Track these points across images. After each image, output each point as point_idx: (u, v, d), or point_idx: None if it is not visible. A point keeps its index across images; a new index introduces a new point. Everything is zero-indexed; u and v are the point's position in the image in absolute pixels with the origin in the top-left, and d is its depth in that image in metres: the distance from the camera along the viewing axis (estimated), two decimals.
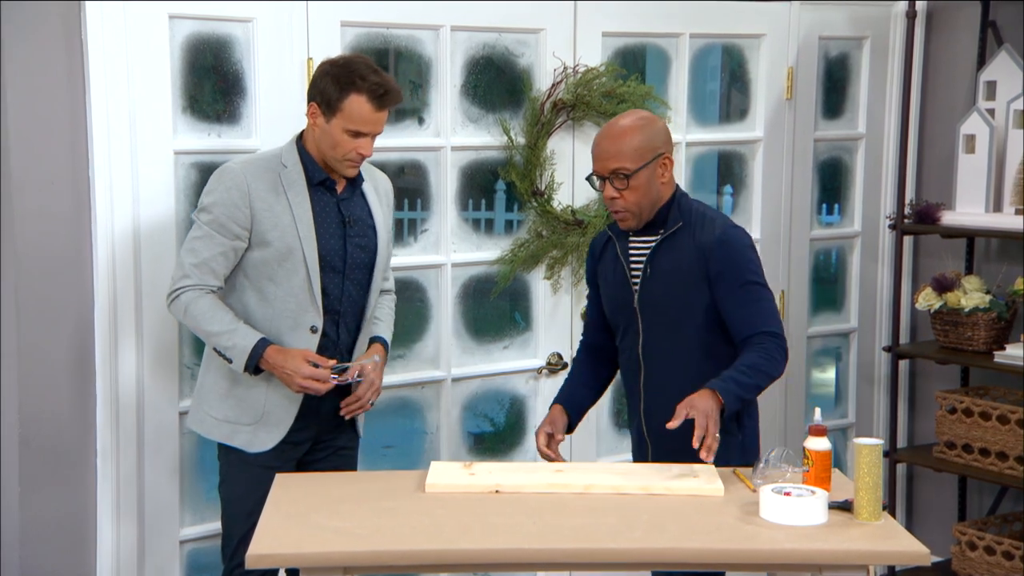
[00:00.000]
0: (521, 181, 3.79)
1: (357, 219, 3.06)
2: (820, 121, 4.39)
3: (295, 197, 2.97)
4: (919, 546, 2.46)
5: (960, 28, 4.34)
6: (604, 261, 3.11)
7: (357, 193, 3.09)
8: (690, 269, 2.95)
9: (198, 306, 2.95)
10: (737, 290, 2.92)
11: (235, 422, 3.02)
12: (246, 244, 2.97)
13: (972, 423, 4.04)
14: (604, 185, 2.97)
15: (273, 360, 2.94)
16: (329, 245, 3.01)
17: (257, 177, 2.96)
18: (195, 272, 2.95)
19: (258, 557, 2.41)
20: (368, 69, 2.93)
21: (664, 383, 2.98)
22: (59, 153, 3.13)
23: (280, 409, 3.01)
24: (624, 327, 3.06)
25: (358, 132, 2.93)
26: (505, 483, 2.73)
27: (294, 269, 2.97)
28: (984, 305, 4.05)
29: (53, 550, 3.21)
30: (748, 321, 2.90)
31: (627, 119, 2.99)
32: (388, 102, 2.95)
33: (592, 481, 2.73)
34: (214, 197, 2.96)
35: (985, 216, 4.09)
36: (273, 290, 2.98)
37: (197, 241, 2.96)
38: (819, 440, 2.67)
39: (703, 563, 2.48)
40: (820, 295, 4.53)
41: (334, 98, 2.91)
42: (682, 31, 4.02)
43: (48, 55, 3.09)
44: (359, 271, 3.07)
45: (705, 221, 2.99)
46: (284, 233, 2.95)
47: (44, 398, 3.17)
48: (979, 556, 4.01)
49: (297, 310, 2.98)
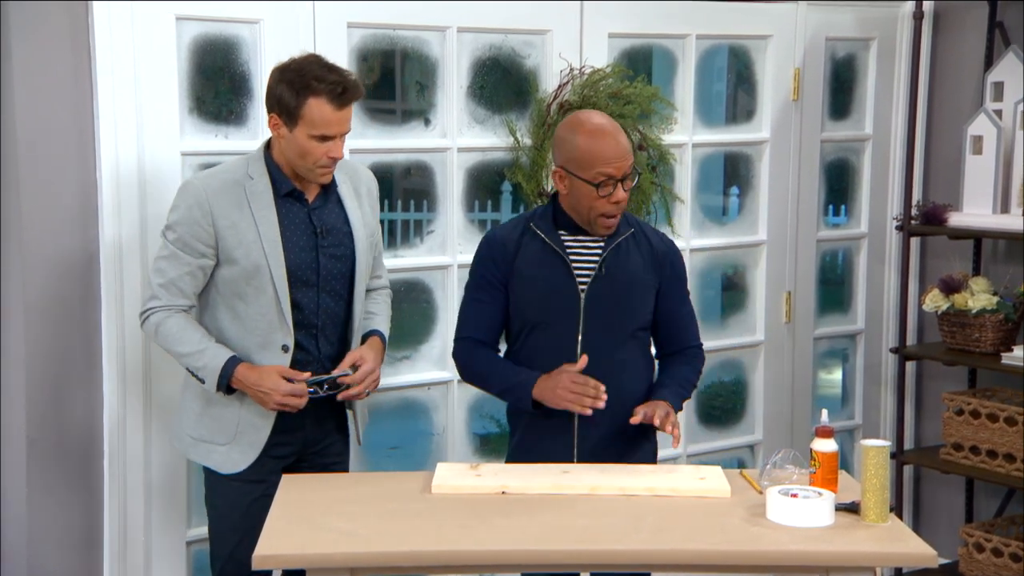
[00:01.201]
0: (527, 182, 3.78)
1: (331, 228, 2.94)
2: (827, 122, 4.38)
3: (260, 211, 2.86)
4: (926, 548, 2.46)
5: (967, 29, 4.33)
6: (524, 258, 2.95)
7: (331, 200, 2.97)
8: (645, 271, 2.97)
9: (167, 327, 2.88)
10: (680, 302, 3.05)
11: (210, 442, 2.95)
12: (214, 262, 2.88)
13: (979, 425, 4.03)
14: (616, 188, 2.86)
15: (246, 379, 2.85)
16: (299, 259, 2.90)
17: (220, 192, 2.86)
18: (163, 293, 2.88)
19: (264, 558, 2.41)
20: (322, 68, 2.82)
21: (603, 382, 2.86)
22: (66, 154, 3.14)
23: (253, 429, 2.92)
24: (552, 328, 2.93)
25: (324, 136, 2.82)
26: (511, 484, 2.73)
27: (262, 287, 2.87)
28: (991, 306, 4.04)
29: (60, 551, 3.22)
30: (689, 333, 3.07)
31: (603, 116, 2.93)
32: (349, 99, 2.83)
33: (598, 483, 2.73)
34: (177, 215, 2.87)
35: (992, 217, 4.08)
36: (243, 308, 2.90)
37: (163, 261, 2.89)
38: (826, 442, 2.67)
39: (709, 564, 2.48)
40: (827, 296, 4.53)
41: (293, 105, 2.80)
42: (688, 32, 4.02)
43: (55, 56, 3.10)
44: (335, 282, 2.96)
45: (646, 227, 3.05)
46: (249, 250, 2.85)
47: (51, 400, 3.17)
48: (986, 558, 4.00)
49: (267, 328, 2.89)
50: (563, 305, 2.93)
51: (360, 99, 2.90)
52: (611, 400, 2.86)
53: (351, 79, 2.83)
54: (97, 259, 3.18)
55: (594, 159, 2.84)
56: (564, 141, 2.91)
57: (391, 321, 3.19)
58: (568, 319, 2.93)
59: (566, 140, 2.90)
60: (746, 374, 4.34)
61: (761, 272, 4.30)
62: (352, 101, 2.85)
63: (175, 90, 3.24)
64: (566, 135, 2.91)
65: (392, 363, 3.73)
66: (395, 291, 3.34)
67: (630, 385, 2.95)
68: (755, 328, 4.31)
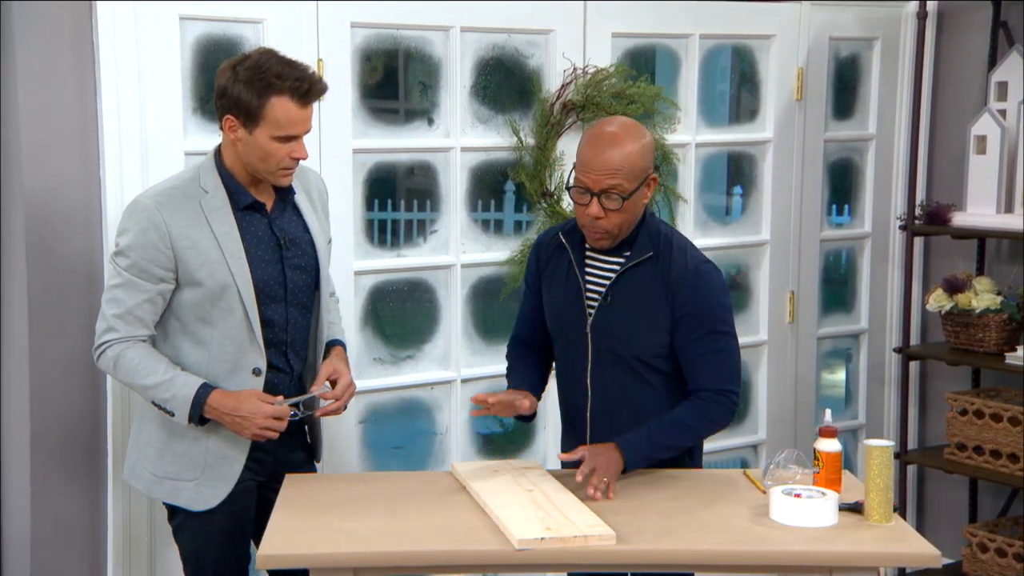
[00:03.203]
0: (531, 182, 3.78)
1: (293, 239, 2.78)
2: (830, 122, 4.38)
3: (220, 227, 2.67)
4: (930, 548, 2.45)
5: (971, 29, 4.33)
6: (553, 268, 2.87)
7: (288, 208, 2.80)
8: (654, 306, 2.75)
9: (127, 359, 2.67)
10: (702, 339, 2.74)
11: (176, 479, 2.75)
12: (173, 285, 2.68)
13: (983, 425, 4.02)
14: (591, 202, 2.67)
15: (222, 406, 2.66)
16: (266, 274, 2.73)
17: (174, 210, 2.66)
18: (119, 324, 2.68)
19: (268, 558, 2.41)
20: (281, 64, 2.63)
21: (612, 412, 2.81)
22: (70, 154, 3.14)
23: (224, 461, 2.74)
24: (568, 346, 2.86)
25: (288, 136, 2.64)
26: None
27: (230, 307, 2.68)
28: (995, 306, 4.04)
29: (63, 550, 3.22)
30: (705, 375, 2.75)
31: (620, 127, 2.71)
32: (313, 96, 2.65)
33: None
34: (129, 239, 2.66)
35: (996, 217, 4.08)
36: (208, 332, 2.70)
37: (118, 290, 2.68)
38: (829, 441, 2.67)
39: (713, 564, 2.48)
40: (830, 296, 4.53)
41: (254, 106, 2.61)
42: (692, 32, 4.02)
43: (59, 56, 3.10)
44: (302, 294, 2.80)
45: (675, 251, 2.77)
46: (214, 270, 2.66)
47: (54, 398, 3.18)
48: (990, 558, 4.00)
49: (236, 352, 2.71)
50: (574, 326, 2.84)
51: (323, 95, 2.72)
52: (624, 428, 2.77)
53: (314, 75, 2.66)
54: (101, 258, 3.18)
55: (579, 162, 2.72)
56: None
57: None
58: (579, 340, 2.83)
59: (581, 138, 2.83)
60: (749, 374, 4.34)
61: (764, 272, 4.29)
62: (316, 98, 2.68)
63: (178, 90, 3.24)
64: (584, 132, 2.86)
65: (395, 363, 3.74)
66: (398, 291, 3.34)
67: (647, 415, 2.78)
68: (758, 328, 4.31)
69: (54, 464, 3.19)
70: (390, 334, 3.75)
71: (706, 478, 2.89)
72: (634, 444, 2.74)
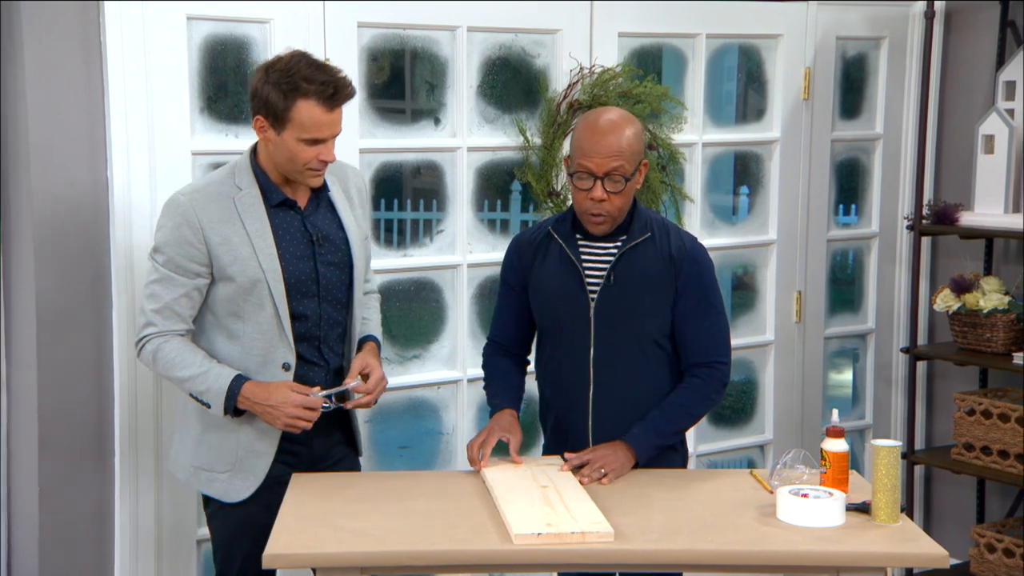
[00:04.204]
0: (537, 182, 3.78)
1: (326, 235, 2.82)
2: (837, 121, 4.37)
3: (253, 224, 2.73)
4: (938, 548, 2.45)
5: (979, 28, 4.32)
6: (541, 262, 2.91)
7: (323, 205, 2.85)
8: (658, 279, 2.85)
9: (165, 352, 2.74)
10: (698, 311, 2.88)
11: (210, 470, 2.82)
12: (209, 280, 2.75)
13: (991, 425, 4.02)
14: (594, 185, 2.77)
15: (254, 396, 2.71)
16: (298, 270, 2.78)
17: (208, 206, 2.73)
18: (158, 318, 2.75)
19: (275, 557, 2.41)
20: (311, 68, 2.66)
21: (616, 398, 2.86)
22: (78, 153, 3.14)
23: (254, 456, 2.80)
24: (566, 336, 2.89)
25: (315, 139, 2.69)
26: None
27: (260, 303, 2.74)
28: (1003, 306, 4.03)
29: (71, 550, 3.23)
30: (698, 346, 2.89)
31: (616, 114, 2.82)
32: (340, 100, 2.69)
33: None
34: (165, 235, 2.74)
35: (1004, 217, 4.07)
36: (240, 327, 2.76)
37: (156, 285, 2.75)
38: (836, 441, 2.66)
39: (719, 564, 2.48)
40: (837, 296, 4.52)
41: (280, 108, 2.65)
42: (699, 31, 4.01)
43: (67, 56, 3.11)
44: (336, 290, 2.84)
45: (669, 230, 2.90)
46: (245, 265, 2.72)
47: (62, 398, 3.18)
48: (998, 559, 3.99)
49: (267, 347, 2.77)
50: (575, 313, 2.87)
51: (351, 99, 2.74)
52: (629, 413, 2.85)
53: (342, 78, 2.69)
54: (108, 257, 3.18)
55: (578, 149, 2.80)
56: (574, 130, 2.90)
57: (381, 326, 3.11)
58: (581, 327, 2.87)
59: (575, 129, 2.91)
60: (756, 374, 4.34)
61: (771, 272, 4.29)
62: (343, 102, 2.71)
63: (186, 90, 3.25)
64: (577, 123, 2.92)
65: (402, 362, 3.74)
66: (405, 291, 3.34)
67: (650, 396, 2.88)
68: (765, 328, 4.31)
69: (62, 464, 3.20)
70: (396, 334, 3.75)
71: (713, 478, 2.89)
72: (642, 438, 2.83)
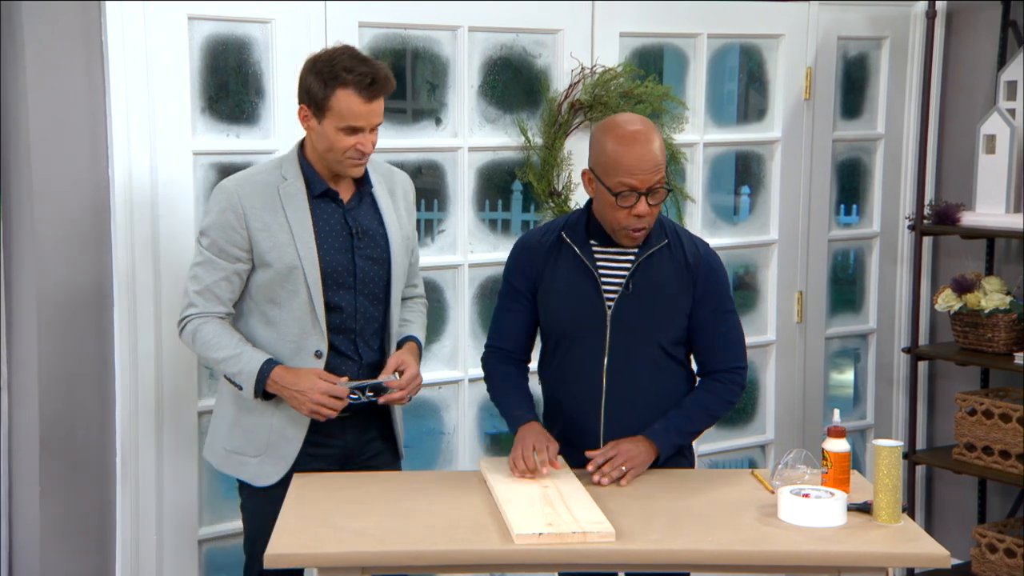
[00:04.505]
0: (538, 182, 3.78)
1: (366, 230, 2.89)
2: (839, 121, 4.37)
3: (294, 212, 2.81)
4: (939, 548, 2.45)
5: (980, 28, 4.32)
6: (553, 268, 2.87)
7: (366, 201, 2.91)
8: (675, 287, 2.83)
9: (203, 333, 2.82)
10: (716, 317, 2.87)
11: (242, 453, 2.89)
12: (249, 266, 2.83)
13: (992, 425, 4.01)
14: (638, 201, 2.72)
15: (282, 380, 2.78)
16: (335, 261, 2.84)
17: (253, 194, 2.81)
18: (199, 300, 2.83)
19: (276, 557, 2.41)
20: (353, 59, 2.75)
21: (629, 405, 2.84)
22: (79, 153, 3.15)
23: (284, 441, 2.86)
24: (580, 343, 2.85)
25: (353, 128, 2.76)
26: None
27: (295, 289, 2.81)
28: (1004, 306, 4.03)
29: (72, 549, 3.23)
30: (719, 353, 2.89)
31: (642, 124, 2.77)
32: (378, 91, 2.76)
33: None
34: (210, 219, 2.83)
35: (1005, 217, 4.07)
36: (276, 313, 2.84)
37: (199, 267, 2.84)
38: (838, 442, 2.66)
39: (721, 564, 2.48)
40: (838, 296, 4.52)
41: (320, 96, 2.74)
42: (700, 31, 4.01)
43: (68, 56, 3.11)
44: (373, 285, 2.90)
45: (683, 237, 2.89)
46: (283, 252, 2.80)
47: (63, 399, 3.18)
48: (999, 559, 3.99)
49: (300, 334, 2.83)
50: (590, 320, 2.83)
51: (390, 91, 2.79)
52: (642, 418, 2.84)
53: (381, 71, 2.76)
54: (110, 258, 3.18)
55: (618, 167, 2.72)
56: (596, 142, 2.80)
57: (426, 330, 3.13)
58: (595, 334, 2.83)
59: (598, 141, 2.79)
60: (758, 374, 4.34)
61: (772, 272, 4.29)
62: (382, 94, 2.77)
63: (187, 89, 3.25)
64: (599, 136, 2.79)
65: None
66: None
67: (662, 404, 2.86)
68: (766, 328, 4.31)
69: (63, 464, 3.20)
70: None
71: (714, 478, 2.89)
72: (663, 435, 2.82)
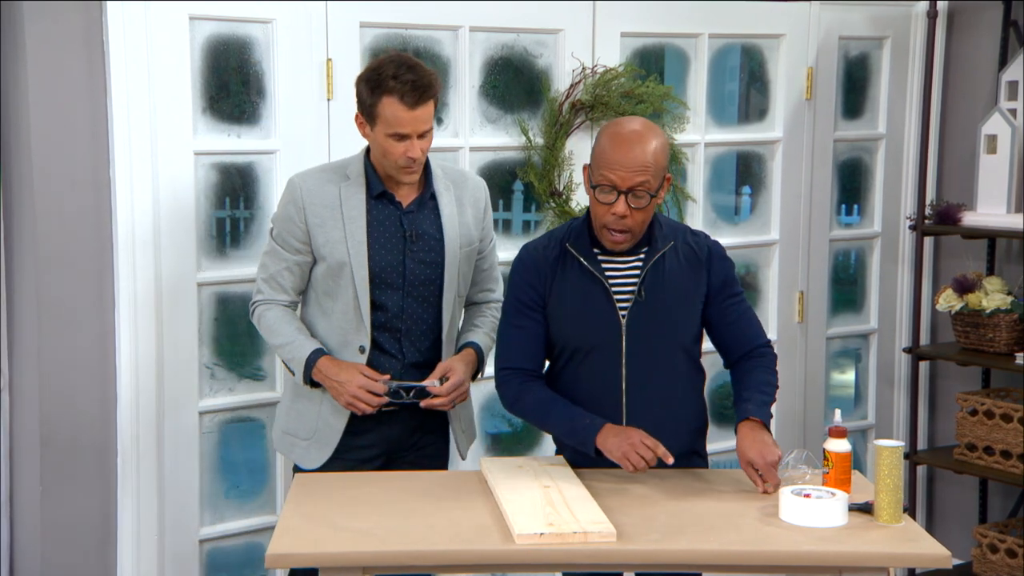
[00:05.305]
0: (539, 182, 3.78)
1: (421, 234, 2.95)
2: (840, 121, 4.37)
3: (350, 211, 2.92)
4: (940, 548, 2.45)
5: (981, 28, 4.32)
6: (563, 281, 2.82)
7: (427, 206, 2.98)
8: (687, 287, 2.82)
9: (267, 319, 2.97)
10: (734, 302, 2.88)
11: (294, 435, 3.02)
12: (310, 258, 2.95)
13: (993, 425, 4.01)
14: (617, 199, 2.70)
15: (326, 370, 2.90)
16: (385, 261, 2.93)
17: (316, 190, 2.93)
18: (265, 287, 2.98)
19: (277, 557, 2.41)
20: (399, 68, 2.83)
21: (651, 410, 2.81)
22: (80, 153, 3.15)
23: (328, 428, 2.97)
24: (594, 355, 2.82)
25: (400, 135, 2.84)
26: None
27: (345, 285, 2.92)
28: (1005, 306, 4.03)
29: (73, 549, 3.23)
30: (747, 335, 2.90)
31: (642, 125, 2.74)
32: (421, 99, 2.83)
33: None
34: (278, 211, 2.98)
35: (1007, 217, 4.07)
36: (331, 305, 2.96)
37: (266, 256, 3.00)
38: (839, 442, 2.66)
39: (722, 564, 2.48)
40: (840, 296, 4.52)
41: (369, 104, 2.86)
42: (701, 31, 4.01)
43: (69, 56, 3.11)
44: (423, 287, 2.96)
45: (685, 234, 2.87)
46: (335, 248, 2.91)
47: (65, 398, 3.18)
48: (1000, 559, 3.99)
49: (347, 328, 2.94)
50: (605, 331, 2.80)
51: (434, 98, 2.87)
52: (662, 417, 2.82)
53: (425, 79, 2.83)
54: (111, 255, 3.19)
55: (603, 160, 2.72)
56: (596, 138, 2.83)
57: None
58: (611, 344, 2.80)
59: (597, 137, 2.82)
60: None
61: (773, 272, 4.29)
62: (426, 101, 2.84)
63: (188, 89, 3.25)
64: (600, 132, 2.82)
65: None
66: None
67: (680, 400, 2.87)
68: (767, 327, 4.29)
69: (64, 463, 3.20)
70: None
71: (715, 478, 2.89)
72: (764, 415, 2.78)
